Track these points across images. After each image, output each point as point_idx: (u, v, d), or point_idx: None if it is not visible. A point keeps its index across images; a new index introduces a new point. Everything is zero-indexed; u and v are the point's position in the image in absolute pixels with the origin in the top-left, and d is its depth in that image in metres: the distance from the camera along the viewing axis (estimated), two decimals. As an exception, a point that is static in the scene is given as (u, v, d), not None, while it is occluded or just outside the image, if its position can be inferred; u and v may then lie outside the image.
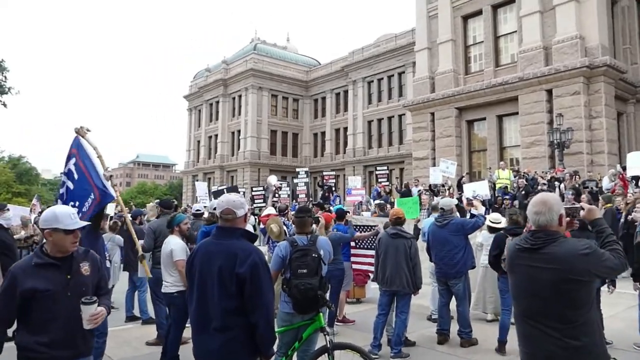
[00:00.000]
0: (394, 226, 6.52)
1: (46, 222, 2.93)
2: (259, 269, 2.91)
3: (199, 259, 3.09)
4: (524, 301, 2.80)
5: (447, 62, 23.58)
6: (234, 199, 3.14)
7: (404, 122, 37.26)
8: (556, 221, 2.74)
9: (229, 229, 3.08)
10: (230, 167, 47.97)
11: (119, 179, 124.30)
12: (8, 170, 52.95)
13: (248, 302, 2.89)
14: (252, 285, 2.88)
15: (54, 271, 2.88)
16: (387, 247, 6.38)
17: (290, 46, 56.33)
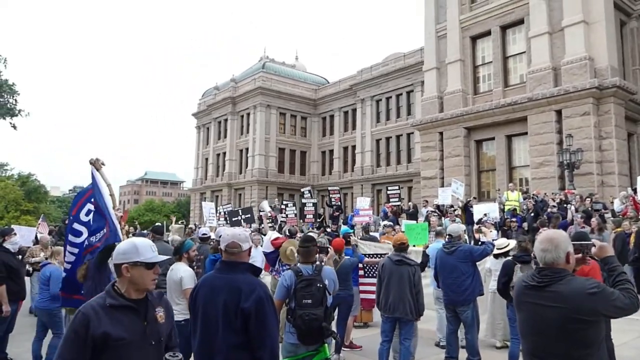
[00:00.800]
0: (398, 252, 6.47)
1: (125, 254, 2.52)
2: (264, 304, 2.87)
3: (202, 293, 3.06)
4: (530, 339, 2.77)
5: (455, 82, 23.63)
6: (239, 233, 3.15)
7: (412, 140, 37.24)
8: (563, 259, 2.70)
9: (233, 263, 3.06)
10: (238, 185, 48.09)
11: (127, 196, 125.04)
12: (17, 188, 53.47)
13: (253, 338, 2.85)
14: (257, 321, 2.83)
15: (130, 316, 2.45)
16: (390, 273, 6.32)
17: (299, 64, 56.85)
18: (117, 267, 2.52)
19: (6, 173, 58.63)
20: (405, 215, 18.24)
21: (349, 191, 42.74)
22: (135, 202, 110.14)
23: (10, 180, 55.44)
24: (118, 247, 2.60)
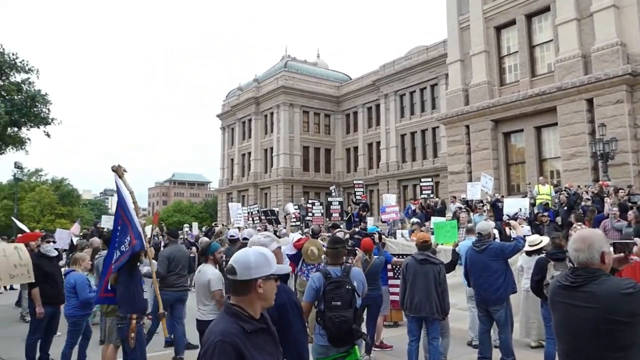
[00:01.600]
0: (422, 251, 6.38)
1: (258, 268, 2.21)
2: (287, 310, 2.84)
3: None
4: (565, 339, 2.73)
5: (480, 74, 23.18)
6: (255, 240, 3.12)
7: (438, 134, 36.80)
8: (597, 259, 2.64)
9: None
10: (264, 185, 48.41)
11: (156, 197, 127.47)
12: (51, 192, 55.14)
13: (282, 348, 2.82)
14: (281, 327, 2.78)
15: (266, 339, 2.22)
16: (415, 272, 6.26)
17: (321, 62, 56.79)
18: (246, 283, 2.19)
19: (41, 178, 60.53)
20: (432, 211, 17.95)
21: (375, 188, 42.52)
22: (164, 204, 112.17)
23: (45, 185, 57.21)
24: (244, 260, 2.25)
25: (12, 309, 12.30)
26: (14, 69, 13.03)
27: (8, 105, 12.48)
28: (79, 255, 7.02)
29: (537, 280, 6.07)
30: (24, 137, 14.78)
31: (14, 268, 5.52)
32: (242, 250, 2.33)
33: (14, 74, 13.18)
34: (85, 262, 6.92)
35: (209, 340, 2.06)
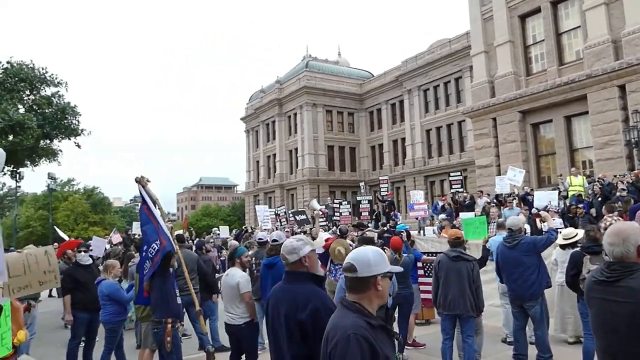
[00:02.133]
0: (454, 248, 6.30)
1: (378, 266, 2.23)
2: (321, 315, 2.79)
3: (270, 304, 3.13)
4: (601, 335, 2.70)
5: (506, 65, 22.73)
6: (287, 244, 3.13)
7: (464, 128, 36.28)
8: (633, 252, 2.58)
9: (294, 273, 3.07)
10: (290, 186, 48.63)
11: (184, 202, 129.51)
12: (84, 201, 56.69)
13: (313, 350, 2.79)
14: (315, 333, 2.77)
15: (385, 336, 2.25)
16: (448, 270, 6.18)
17: (342, 60, 56.66)
18: (366, 280, 2.21)
19: (73, 188, 62.21)
20: (460, 207, 17.71)
21: (401, 185, 42.23)
22: (192, 208, 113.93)
23: (77, 195, 58.84)
24: (364, 258, 2.25)
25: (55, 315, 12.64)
26: (44, 83, 13.49)
27: (40, 118, 12.91)
28: (109, 262, 7.18)
29: (573, 275, 5.90)
30: (56, 148, 15.28)
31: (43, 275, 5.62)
32: (360, 249, 2.37)
33: (44, 88, 13.64)
34: (116, 270, 7.08)
35: (339, 335, 2.10)
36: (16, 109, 12.31)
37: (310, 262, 3.10)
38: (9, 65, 12.81)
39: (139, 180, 5.43)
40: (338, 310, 2.31)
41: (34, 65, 13.24)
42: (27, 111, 12.95)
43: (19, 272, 5.25)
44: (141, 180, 5.43)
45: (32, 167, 15.19)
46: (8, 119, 11.58)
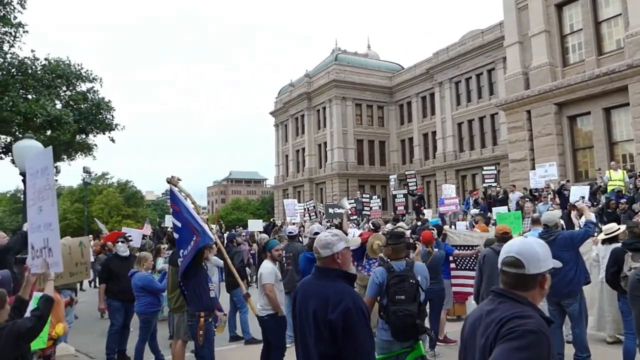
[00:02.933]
0: (501, 243, 6.12)
1: (547, 260, 2.11)
2: (352, 316, 2.71)
3: (298, 300, 3.02)
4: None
5: (541, 55, 22.05)
6: (322, 238, 3.00)
7: (497, 121, 35.53)
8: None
9: (325, 270, 2.94)
10: (319, 180, 48.66)
11: (214, 196, 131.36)
12: (117, 195, 58.12)
13: (343, 351, 2.73)
14: (345, 334, 2.70)
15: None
16: (494, 265, 5.97)
17: (372, 53, 56.19)
18: (534, 277, 2.06)
19: (107, 181, 63.80)
20: (493, 201, 17.33)
21: (432, 179, 41.71)
22: (222, 202, 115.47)
23: (111, 188, 60.35)
24: (533, 252, 2.09)
25: (92, 305, 12.98)
26: (80, 79, 13.86)
27: (76, 113, 13.29)
28: (142, 255, 7.34)
29: (613, 272, 5.69)
30: (91, 143, 15.68)
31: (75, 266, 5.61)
32: (524, 242, 2.17)
33: (80, 84, 14.03)
34: (148, 262, 7.23)
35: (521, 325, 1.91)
36: (54, 105, 12.69)
37: (343, 259, 2.99)
38: (47, 62, 13.24)
39: (169, 180, 5.48)
40: (508, 303, 2.05)
41: (70, 61, 13.66)
42: (63, 107, 13.35)
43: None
44: (172, 180, 5.47)
45: (69, 161, 15.71)
46: (46, 115, 11.93)
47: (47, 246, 4.12)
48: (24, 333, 3.31)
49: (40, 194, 4.16)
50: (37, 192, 4.21)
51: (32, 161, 4.60)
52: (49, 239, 4.11)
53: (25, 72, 12.65)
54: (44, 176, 4.16)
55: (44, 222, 4.16)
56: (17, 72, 12.63)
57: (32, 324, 3.37)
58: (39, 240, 4.19)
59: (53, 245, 4.09)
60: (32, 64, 13.00)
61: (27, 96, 12.59)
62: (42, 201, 4.15)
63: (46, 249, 4.13)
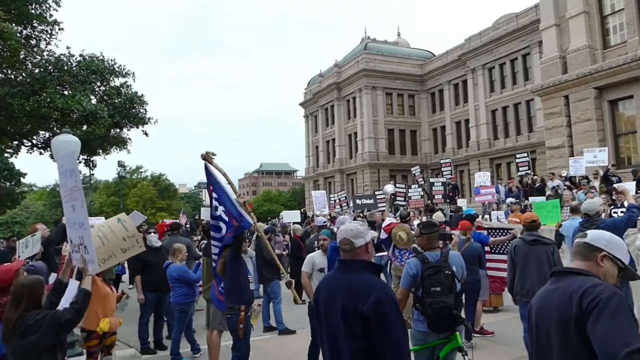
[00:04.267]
0: (530, 231, 5.93)
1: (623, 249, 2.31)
2: (384, 307, 2.60)
3: (323, 295, 2.89)
4: None
5: (580, 38, 21.19)
6: (352, 228, 2.88)
7: (532, 108, 34.51)
8: None
9: (350, 262, 2.83)
10: (350, 170, 48.45)
11: (246, 188, 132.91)
12: (151, 188, 59.35)
13: (375, 344, 2.61)
14: (378, 326, 2.59)
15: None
16: (525, 255, 5.82)
17: (402, 41, 55.32)
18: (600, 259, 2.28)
19: (141, 175, 65.21)
20: (530, 189, 16.84)
21: (465, 168, 40.95)
22: (253, 194, 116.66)
23: (145, 182, 61.68)
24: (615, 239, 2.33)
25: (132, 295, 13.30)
26: (113, 74, 14.13)
27: (110, 108, 13.57)
28: (176, 246, 7.39)
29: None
30: (125, 137, 16.00)
31: (123, 242, 5.32)
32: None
33: (113, 79, 14.31)
34: (182, 254, 7.29)
35: (600, 294, 2.08)
36: (89, 100, 12.97)
37: (370, 250, 2.92)
38: (82, 58, 13.54)
39: (204, 156, 5.31)
40: (577, 279, 2.24)
41: (103, 57, 13.94)
42: (98, 102, 13.65)
43: (97, 244, 5.05)
44: (207, 156, 5.29)
45: (104, 155, 16.09)
46: (82, 110, 12.20)
47: (82, 243, 4.19)
48: (63, 323, 3.41)
49: (72, 194, 4.23)
50: (69, 191, 4.28)
51: (62, 160, 4.67)
52: (83, 237, 4.18)
53: (61, 68, 12.96)
54: (72, 177, 4.23)
55: (78, 221, 4.24)
56: (53, 69, 12.95)
57: (71, 316, 3.46)
58: (76, 236, 4.28)
59: (88, 244, 4.16)
60: (68, 60, 13.33)
61: (63, 92, 12.91)
62: (74, 200, 4.22)
63: (82, 246, 4.20)
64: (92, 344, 5.17)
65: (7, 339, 3.30)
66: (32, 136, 13.73)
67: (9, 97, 11.71)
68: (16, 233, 33.93)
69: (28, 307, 3.35)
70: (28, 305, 3.36)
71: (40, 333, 3.27)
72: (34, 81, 12.35)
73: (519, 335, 7.05)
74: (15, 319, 3.31)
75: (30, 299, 3.39)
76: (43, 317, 3.34)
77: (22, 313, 3.32)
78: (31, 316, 3.32)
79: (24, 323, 3.29)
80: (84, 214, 4.16)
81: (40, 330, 3.28)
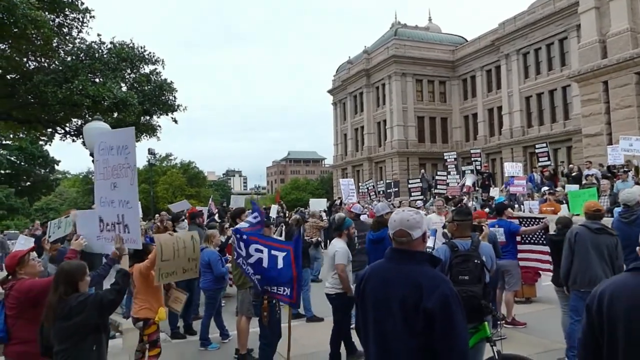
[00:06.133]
0: (595, 220, 5.68)
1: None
2: (451, 303, 2.44)
3: (372, 287, 2.68)
4: None
5: (621, 20, 20.25)
6: (408, 218, 2.65)
7: (569, 94, 33.33)
8: None
9: (409, 252, 2.62)
10: (378, 159, 48.02)
11: (274, 176, 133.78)
12: (181, 175, 60.20)
13: (439, 343, 2.44)
14: (443, 323, 2.42)
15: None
16: (587, 243, 5.56)
17: (433, 26, 54.12)
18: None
19: (171, 162, 66.16)
20: (566, 179, 16.28)
21: (497, 156, 40.04)
22: (281, 182, 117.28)
23: (175, 169, 62.58)
24: None
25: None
26: (143, 61, 14.27)
27: (140, 95, 13.71)
28: (210, 232, 7.46)
29: None
30: (155, 124, 16.18)
31: (187, 262, 5.24)
32: None
33: (143, 66, 14.45)
34: (216, 239, 7.35)
35: None
36: (119, 88, 13.13)
37: (426, 240, 2.75)
38: (112, 45, 13.70)
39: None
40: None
41: (133, 44, 14.08)
42: (128, 89, 13.81)
43: (169, 256, 5.04)
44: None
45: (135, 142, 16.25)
46: (113, 97, 12.36)
47: (122, 222, 4.16)
48: (105, 304, 3.50)
49: (116, 171, 4.19)
50: (111, 168, 4.23)
51: (106, 137, 4.64)
52: (124, 215, 4.14)
53: (92, 56, 13.16)
54: (121, 154, 4.16)
55: (120, 199, 4.18)
56: (85, 56, 13.16)
57: (113, 297, 3.55)
58: (112, 214, 4.24)
59: (130, 222, 4.13)
60: (99, 48, 13.52)
61: (94, 80, 13.11)
62: (117, 178, 4.18)
63: (121, 225, 4.17)
64: (151, 330, 5.30)
65: (51, 321, 3.39)
66: (65, 124, 14.03)
67: (43, 85, 11.95)
68: (50, 219, 35.13)
69: (67, 292, 3.44)
70: (67, 290, 3.45)
71: (85, 314, 3.37)
72: (66, 69, 12.58)
73: (551, 326, 6.85)
74: (56, 302, 3.41)
75: (68, 284, 3.47)
76: (86, 299, 3.45)
77: (62, 297, 3.41)
78: (73, 299, 3.42)
79: (67, 306, 3.38)
80: (133, 192, 4.11)
81: (84, 311, 3.37)
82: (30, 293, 3.81)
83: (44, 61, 13.50)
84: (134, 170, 4.09)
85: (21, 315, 3.81)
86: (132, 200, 4.12)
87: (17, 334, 3.80)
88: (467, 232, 4.45)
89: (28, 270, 4.03)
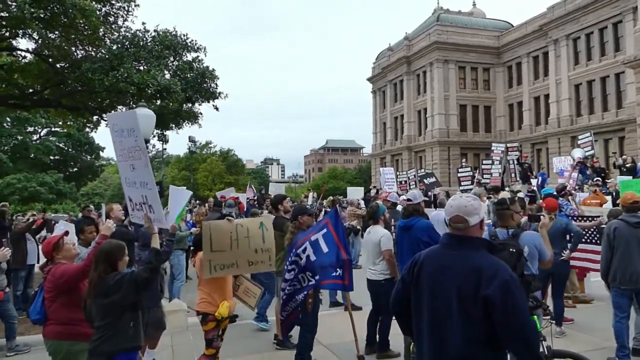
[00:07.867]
0: (631, 213, 5.43)
1: None
2: (512, 289, 2.34)
3: (427, 274, 2.57)
4: None
5: (684, 1, 18.99)
6: (466, 204, 2.55)
7: (622, 81, 31.72)
8: None
9: (466, 238, 2.52)
10: (418, 148, 47.30)
11: (312, 165, 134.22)
12: (220, 163, 61.16)
13: (502, 331, 2.34)
14: (505, 310, 2.31)
15: None
16: (627, 238, 5.36)
17: (477, 11, 52.54)
18: None
19: (211, 150, 67.23)
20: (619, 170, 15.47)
21: (543, 147, 38.77)
22: (319, 170, 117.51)
23: (214, 157, 63.62)
24: None
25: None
26: (185, 49, 14.44)
27: (183, 83, 13.88)
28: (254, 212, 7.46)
29: None
30: (197, 111, 16.38)
31: (254, 254, 4.65)
32: None
33: (186, 54, 14.62)
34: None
35: None
36: (163, 75, 13.33)
37: (484, 227, 2.63)
38: (156, 33, 13.91)
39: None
40: None
41: (176, 32, 14.25)
42: (171, 76, 14.00)
43: (224, 246, 4.59)
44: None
45: (177, 129, 16.61)
46: (157, 85, 12.57)
47: (146, 202, 4.19)
48: (140, 282, 3.62)
49: (131, 153, 4.21)
50: (127, 150, 4.25)
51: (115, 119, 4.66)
52: (147, 196, 4.17)
53: (137, 44, 13.39)
54: (131, 137, 4.16)
55: (140, 180, 4.22)
56: (130, 44, 13.41)
57: (147, 275, 3.65)
58: (137, 195, 4.29)
59: (153, 202, 4.15)
60: (143, 36, 13.74)
61: (139, 67, 13.35)
62: (133, 160, 4.20)
63: (146, 205, 4.21)
64: (208, 327, 4.82)
65: (92, 298, 3.59)
66: (110, 110, 14.37)
67: (90, 72, 12.27)
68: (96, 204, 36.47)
69: (106, 270, 3.61)
70: (106, 268, 3.62)
71: (122, 292, 3.53)
72: (112, 57, 12.86)
73: (600, 323, 6.58)
74: (97, 280, 3.58)
75: (106, 262, 3.64)
76: (122, 278, 3.60)
77: (101, 275, 3.59)
78: (111, 277, 3.59)
79: (106, 284, 3.56)
80: (148, 173, 4.11)
81: (121, 290, 3.53)
82: (62, 279, 4.00)
83: (91, 50, 13.86)
84: (145, 153, 4.09)
85: (56, 298, 4.02)
86: (150, 182, 4.12)
87: (53, 315, 4.03)
88: (507, 222, 4.46)
89: (64, 254, 4.23)
